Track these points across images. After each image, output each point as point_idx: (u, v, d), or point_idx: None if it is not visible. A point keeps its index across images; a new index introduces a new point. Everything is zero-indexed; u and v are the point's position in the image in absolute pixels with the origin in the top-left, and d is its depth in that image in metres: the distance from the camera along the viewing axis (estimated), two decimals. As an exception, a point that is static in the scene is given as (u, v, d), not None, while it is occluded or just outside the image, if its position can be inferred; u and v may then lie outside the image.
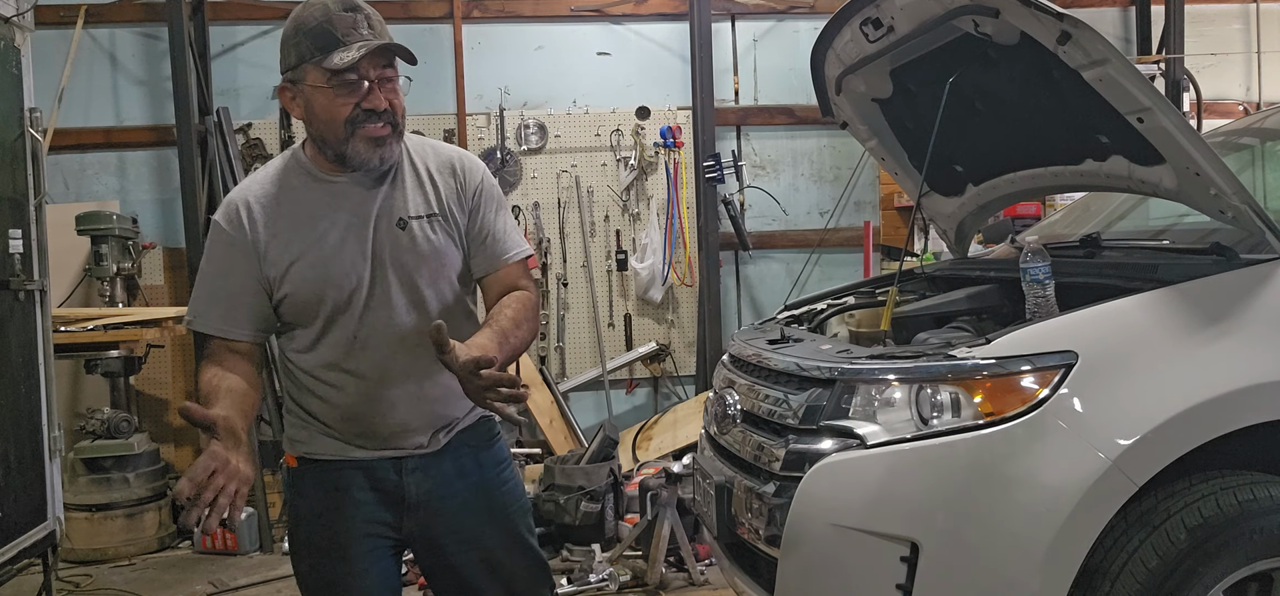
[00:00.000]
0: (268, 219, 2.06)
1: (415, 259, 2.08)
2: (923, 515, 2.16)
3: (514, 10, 6.08)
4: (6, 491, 3.61)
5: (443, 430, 2.16)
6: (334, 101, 1.98)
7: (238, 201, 2.08)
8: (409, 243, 2.07)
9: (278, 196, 2.08)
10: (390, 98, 2.01)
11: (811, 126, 6.29)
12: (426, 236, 2.09)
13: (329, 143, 2.03)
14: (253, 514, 5.19)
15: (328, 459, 2.14)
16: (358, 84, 1.97)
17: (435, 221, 2.11)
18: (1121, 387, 2.13)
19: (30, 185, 3.86)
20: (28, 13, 3.81)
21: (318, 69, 1.97)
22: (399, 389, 2.08)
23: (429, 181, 2.13)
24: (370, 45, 1.96)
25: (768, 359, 2.64)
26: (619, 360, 6.14)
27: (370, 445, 2.12)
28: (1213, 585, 2.13)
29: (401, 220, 2.08)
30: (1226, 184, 2.32)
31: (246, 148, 5.85)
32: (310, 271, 2.04)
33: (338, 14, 1.97)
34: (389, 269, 2.06)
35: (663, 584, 4.27)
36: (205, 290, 2.09)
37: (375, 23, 2.01)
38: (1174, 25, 6.21)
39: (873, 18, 2.81)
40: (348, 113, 1.98)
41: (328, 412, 2.11)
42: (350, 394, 2.08)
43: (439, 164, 2.15)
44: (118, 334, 4.90)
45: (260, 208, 2.07)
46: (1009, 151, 3.07)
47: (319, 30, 1.97)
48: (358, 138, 1.99)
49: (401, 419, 2.10)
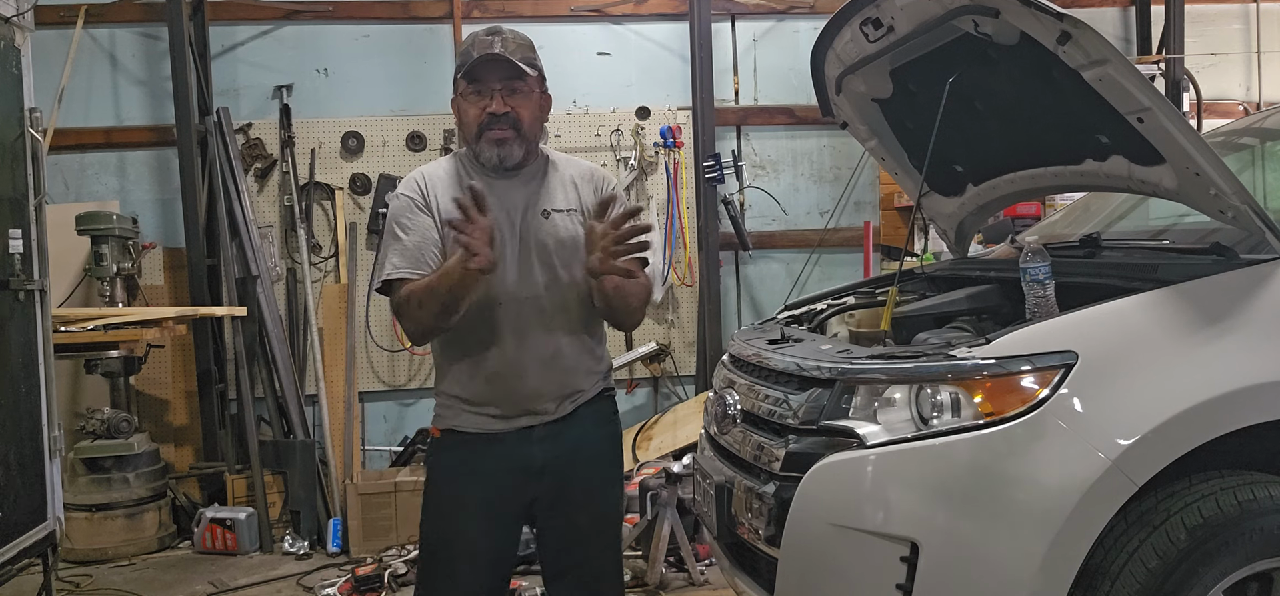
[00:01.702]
0: (440, 191, 2.41)
1: (555, 242, 2.39)
2: (923, 515, 2.16)
3: (514, 10, 6.08)
4: (6, 491, 3.61)
5: (569, 399, 2.43)
6: (467, 108, 2.39)
7: (416, 178, 2.45)
8: (551, 229, 2.39)
9: (449, 178, 2.43)
10: (512, 104, 2.36)
11: (811, 126, 6.29)
12: (567, 226, 2.41)
13: (467, 143, 2.42)
14: (252, 514, 5.19)
15: (467, 431, 2.42)
16: (485, 93, 2.35)
17: (575, 216, 2.43)
18: (1121, 387, 2.14)
19: (30, 185, 3.86)
20: (28, 13, 3.81)
21: (459, 80, 2.39)
22: (534, 355, 2.37)
23: (573, 185, 2.47)
24: (486, 51, 2.33)
25: (768, 359, 2.65)
26: (619, 360, 6.13)
27: (507, 411, 2.38)
28: (1213, 585, 2.14)
29: (546, 211, 2.41)
30: (1226, 184, 2.32)
31: (246, 148, 5.85)
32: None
33: (480, 37, 2.38)
34: (532, 249, 2.38)
35: (663, 584, 4.27)
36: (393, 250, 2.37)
37: (509, 42, 2.37)
38: (1174, 25, 6.20)
39: (873, 18, 2.81)
40: (476, 117, 2.36)
41: (476, 379, 2.38)
42: (492, 358, 2.36)
43: (581, 174, 2.51)
44: (118, 334, 4.89)
45: (436, 182, 2.43)
46: (1009, 151, 3.07)
47: (465, 50, 2.39)
48: (484, 140, 2.37)
49: (536, 383, 2.38)
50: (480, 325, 2.36)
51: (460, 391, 2.42)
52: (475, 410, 2.41)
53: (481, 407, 2.41)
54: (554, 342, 2.39)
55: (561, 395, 2.43)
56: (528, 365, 2.37)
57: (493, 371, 2.38)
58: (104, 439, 5.08)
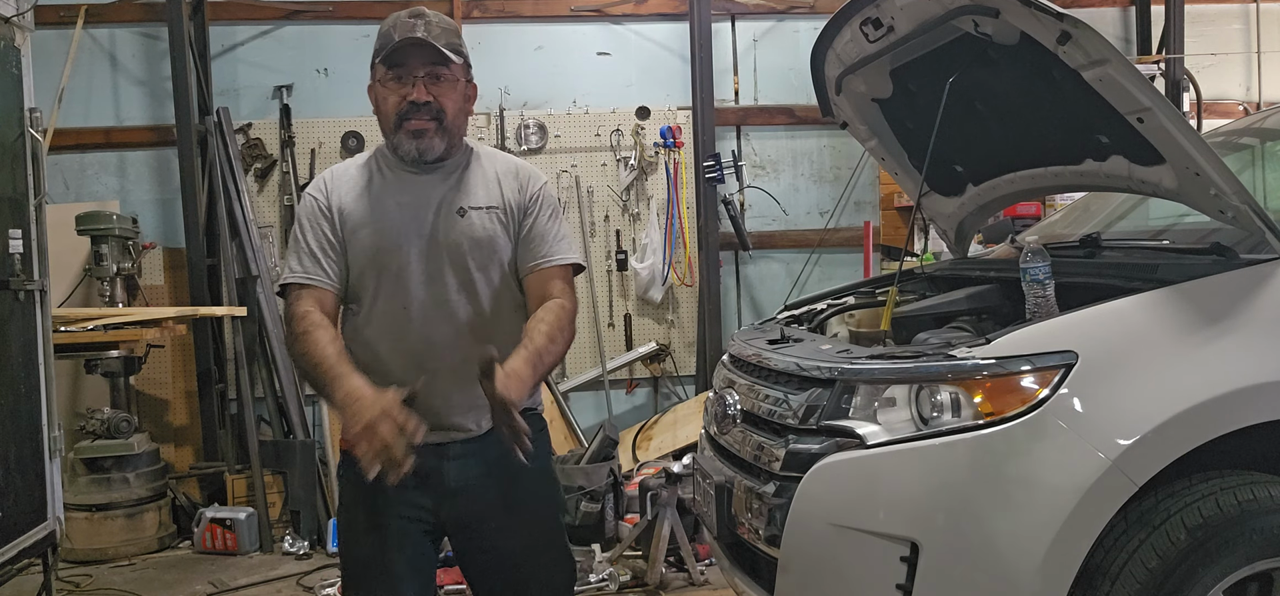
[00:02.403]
0: (345, 192, 2.27)
1: (470, 243, 2.22)
2: (923, 515, 2.16)
3: (514, 10, 6.08)
4: (6, 491, 3.61)
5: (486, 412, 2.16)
6: (386, 95, 2.21)
7: (325, 176, 2.32)
8: (467, 229, 2.23)
9: (357, 178, 2.29)
10: (435, 93, 2.19)
11: (811, 126, 6.29)
12: (483, 224, 2.24)
13: (386, 133, 2.25)
14: (252, 514, 5.19)
15: None
16: (406, 80, 2.18)
17: (494, 213, 2.26)
18: (1122, 387, 2.13)
19: (30, 185, 3.86)
20: (28, 13, 3.81)
21: (377, 65, 2.21)
22: (445, 363, 2.19)
23: (496, 181, 2.30)
24: (408, 35, 2.15)
25: (768, 359, 2.64)
26: (619, 360, 6.14)
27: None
28: (1213, 585, 2.13)
29: (462, 209, 2.24)
30: (1226, 184, 2.32)
31: (246, 148, 5.85)
32: (369, 238, 2.21)
33: (402, 19, 2.19)
34: (442, 249, 2.21)
35: (663, 584, 4.27)
36: (292, 254, 2.26)
37: (433, 27, 2.18)
38: (1174, 25, 6.20)
39: (873, 18, 2.81)
40: (395, 106, 2.19)
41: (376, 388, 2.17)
42: (401, 366, 2.18)
43: (505, 169, 2.33)
44: (118, 334, 4.89)
45: (342, 183, 2.29)
46: (1009, 151, 3.07)
47: (385, 33, 2.20)
48: (403, 131, 2.20)
49: (444, 392, 2.19)
50: (386, 332, 2.21)
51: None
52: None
53: None
54: (464, 352, 2.16)
55: (473, 408, 2.21)
56: (436, 374, 2.16)
57: (398, 382, 2.11)
58: (104, 439, 5.07)
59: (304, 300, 2.20)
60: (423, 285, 2.20)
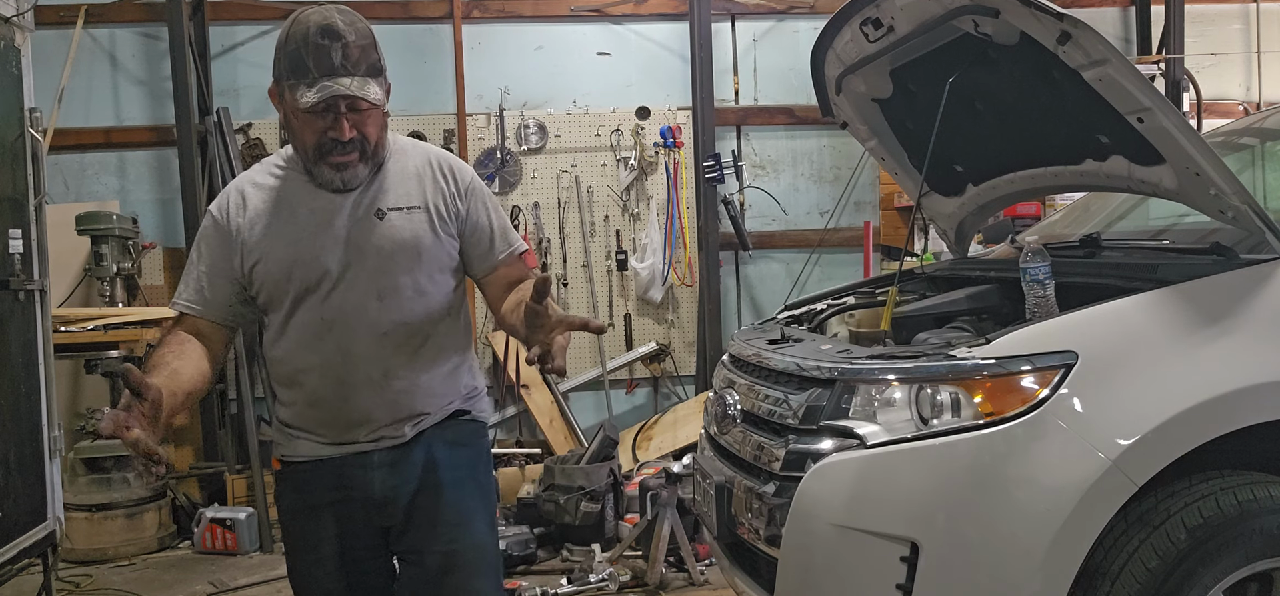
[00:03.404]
0: (253, 204, 2.13)
1: (391, 246, 2.09)
2: (923, 515, 2.16)
3: (514, 10, 6.08)
4: (6, 491, 3.61)
5: (409, 423, 2.15)
6: (304, 127, 2.03)
7: (231, 189, 2.17)
8: (387, 231, 2.10)
9: (266, 185, 2.15)
10: (360, 126, 2.03)
11: (811, 126, 6.29)
12: (406, 227, 2.11)
13: (301, 155, 2.10)
14: (252, 514, 5.19)
15: (302, 460, 2.18)
16: (326, 114, 2.00)
17: (417, 214, 2.13)
18: (1121, 388, 2.13)
19: (30, 185, 3.86)
20: (28, 13, 3.81)
21: (290, 93, 2.00)
22: (363, 374, 2.10)
23: (414, 177, 2.16)
24: (329, 92, 1.96)
25: (768, 359, 2.64)
26: (619, 360, 6.14)
27: (336, 437, 2.14)
28: (1213, 585, 2.13)
29: (380, 211, 2.11)
30: (1226, 184, 2.32)
31: (246, 148, 5.85)
32: (282, 251, 2.09)
33: (315, 41, 1.97)
34: (360, 255, 2.09)
35: (663, 584, 4.27)
36: (187, 274, 2.17)
37: (352, 52, 1.98)
38: (1174, 25, 6.20)
39: (873, 18, 2.81)
40: (315, 139, 2.03)
41: (298, 403, 2.16)
42: (316, 379, 2.11)
43: (422, 163, 2.18)
44: (118, 334, 4.90)
45: (248, 194, 2.14)
46: (1009, 151, 3.07)
47: (295, 55, 1.98)
48: (323, 163, 2.05)
49: (365, 406, 2.11)
50: (302, 344, 2.11)
51: (287, 416, 2.19)
52: (304, 435, 2.17)
53: (309, 433, 2.16)
54: (384, 362, 2.10)
55: (397, 419, 2.14)
56: (354, 386, 2.09)
57: (315, 394, 2.12)
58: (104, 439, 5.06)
59: (180, 326, 2.13)
60: (340, 294, 2.08)
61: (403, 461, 2.16)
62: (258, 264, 2.10)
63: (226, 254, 2.12)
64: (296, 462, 2.19)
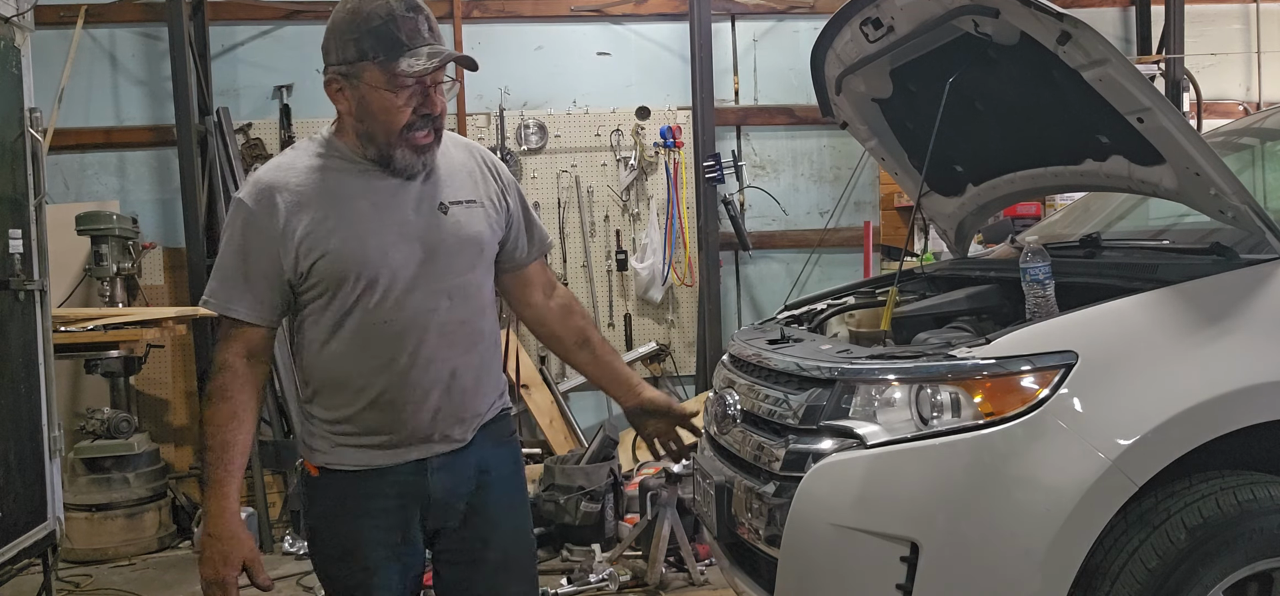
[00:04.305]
0: (299, 199, 1.98)
1: (457, 243, 2.05)
2: (923, 515, 2.16)
3: (514, 10, 6.08)
4: (6, 491, 3.61)
5: (471, 424, 2.12)
6: (392, 104, 1.95)
7: (266, 181, 2.00)
8: (452, 227, 2.05)
9: (311, 178, 2.01)
10: (441, 102, 2.01)
11: (811, 126, 6.29)
12: (468, 222, 2.08)
13: (377, 141, 1.99)
14: (252, 514, 5.19)
15: (349, 469, 2.07)
16: (418, 88, 1.95)
17: (474, 209, 2.10)
18: (1121, 387, 2.13)
19: (30, 185, 3.86)
20: (28, 13, 3.81)
21: (381, 69, 1.93)
22: (433, 377, 2.03)
23: (464, 171, 2.13)
24: (441, 55, 1.94)
25: (768, 359, 2.64)
26: (619, 360, 6.13)
27: (399, 441, 2.05)
28: (1213, 585, 2.13)
29: (442, 205, 2.05)
30: (1226, 184, 2.32)
31: (246, 148, 5.85)
32: (344, 248, 1.97)
33: (402, 15, 1.93)
34: (431, 253, 2.02)
35: (663, 584, 4.27)
36: (231, 271, 2.00)
37: (433, 25, 1.98)
38: (1174, 25, 6.20)
39: (873, 18, 2.81)
40: (406, 117, 1.96)
41: (349, 407, 2.04)
42: (383, 383, 2.01)
43: (467, 156, 2.16)
44: (118, 334, 4.89)
45: (292, 184, 1.99)
46: (1009, 151, 3.07)
47: (383, 30, 1.92)
48: (406, 143, 1.97)
49: (434, 407, 2.04)
50: (364, 345, 2.00)
51: (338, 416, 2.05)
52: (357, 441, 2.05)
53: (365, 438, 2.05)
54: (452, 363, 2.04)
55: (461, 420, 2.10)
56: (424, 390, 2.02)
57: (382, 397, 2.01)
58: (104, 439, 5.07)
59: (234, 344, 2.00)
60: (412, 293, 2.00)
61: (459, 463, 2.12)
62: (319, 260, 1.97)
63: (274, 253, 1.97)
64: (341, 470, 2.07)
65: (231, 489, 1.97)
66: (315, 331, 2.04)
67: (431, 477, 2.09)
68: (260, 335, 2.03)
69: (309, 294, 2.02)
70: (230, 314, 2.00)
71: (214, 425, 1.97)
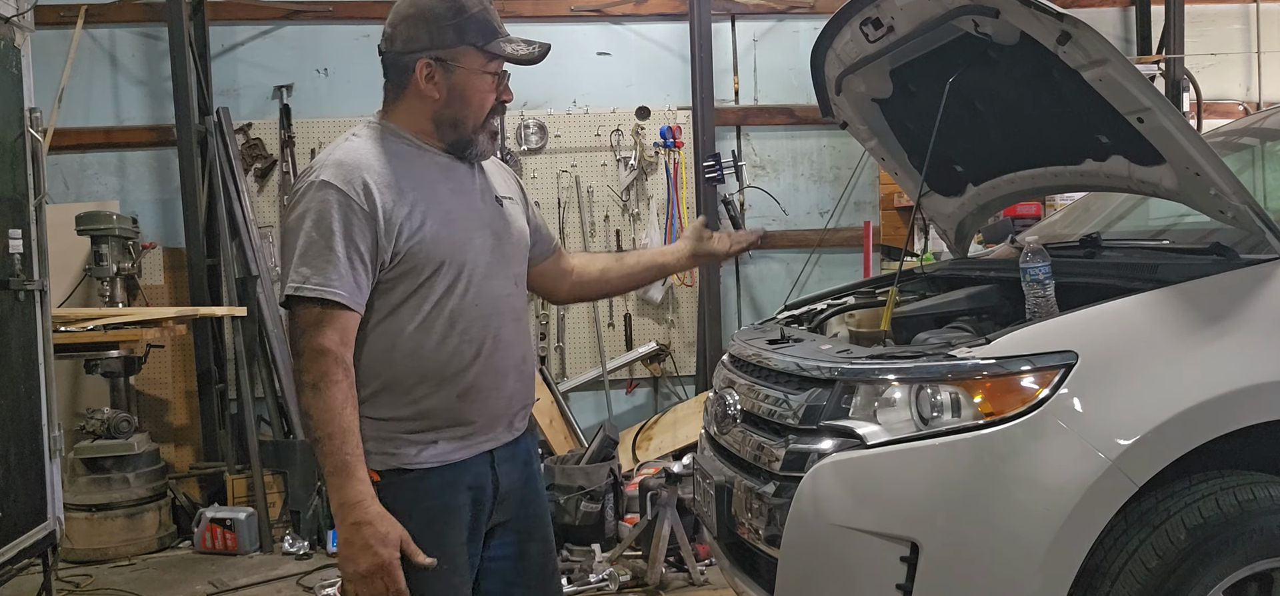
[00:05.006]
0: (388, 182, 1.96)
1: (517, 233, 2.18)
2: (923, 515, 2.16)
3: (514, 10, 6.07)
4: (6, 491, 3.61)
5: (528, 410, 2.22)
6: (486, 89, 2.05)
7: (350, 162, 1.95)
8: (512, 217, 2.18)
9: (393, 163, 1.99)
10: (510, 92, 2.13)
11: (811, 126, 6.29)
12: (517, 215, 2.21)
13: (462, 127, 2.05)
14: (252, 514, 5.19)
15: (426, 468, 2.01)
16: (504, 77, 2.08)
17: (515, 204, 2.23)
18: (1122, 387, 2.13)
19: (30, 185, 3.86)
20: (28, 13, 3.81)
21: (481, 55, 2.02)
22: (511, 360, 2.10)
23: (497, 168, 2.25)
24: (536, 43, 2.07)
25: (768, 359, 2.64)
26: (619, 360, 6.14)
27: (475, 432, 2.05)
28: (1213, 585, 2.13)
29: (499, 198, 2.17)
30: (1226, 184, 2.32)
31: (246, 148, 5.85)
32: (439, 232, 1.99)
33: (487, 4, 2.06)
34: (501, 240, 2.12)
35: (663, 584, 4.27)
36: (327, 255, 1.90)
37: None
38: (1174, 25, 6.20)
39: (873, 18, 2.81)
40: (493, 102, 2.07)
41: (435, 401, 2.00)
42: (476, 369, 2.02)
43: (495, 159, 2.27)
44: (118, 334, 4.89)
45: (378, 168, 1.97)
46: (1009, 151, 3.07)
47: (482, 17, 2.02)
48: (487, 128, 2.09)
49: (510, 392, 2.10)
50: (458, 331, 2.00)
51: (411, 412, 2.00)
52: (431, 436, 2.01)
53: (441, 432, 2.01)
54: (522, 347, 2.13)
55: (525, 406, 2.17)
56: (504, 374, 2.07)
57: (471, 385, 2.02)
58: (104, 439, 5.07)
59: (329, 330, 1.89)
60: (486, 278, 2.05)
61: (515, 454, 2.17)
62: (416, 244, 1.95)
63: (373, 235, 1.92)
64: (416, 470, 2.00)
65: (365, 472, 1.89)
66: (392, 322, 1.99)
67: (499, 469, 2.12)
68: (355, 321, 1.94)
69: (394, 279, 1.97)
70: (333, 298, 1.89)
71: (331, 411, 1.87)
